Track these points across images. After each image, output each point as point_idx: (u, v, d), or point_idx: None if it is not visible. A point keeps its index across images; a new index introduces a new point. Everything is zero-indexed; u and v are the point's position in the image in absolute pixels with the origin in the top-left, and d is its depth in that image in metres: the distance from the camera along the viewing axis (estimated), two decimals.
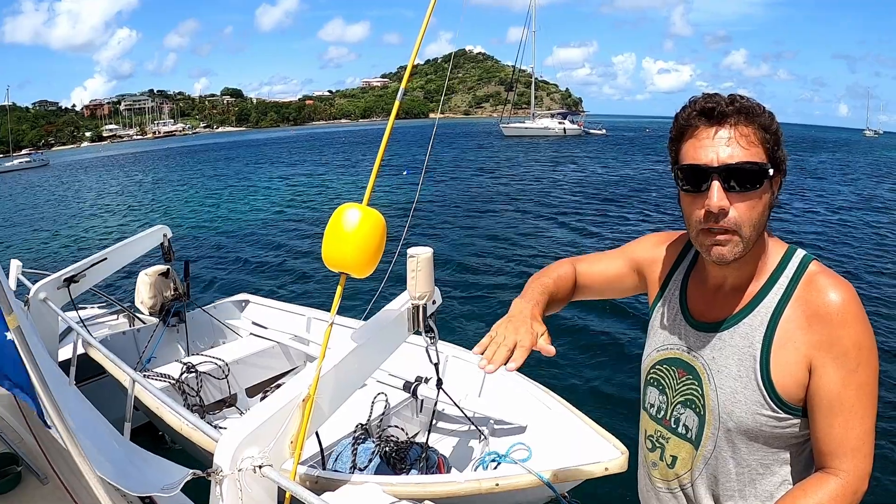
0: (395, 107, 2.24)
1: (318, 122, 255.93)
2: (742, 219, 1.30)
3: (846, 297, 1.30)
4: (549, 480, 3.03)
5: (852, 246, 14.30)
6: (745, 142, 1.29)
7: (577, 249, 13.71)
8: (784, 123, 1.36)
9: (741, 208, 1.30)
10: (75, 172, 55.35)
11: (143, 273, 5.85)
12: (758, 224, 1.33)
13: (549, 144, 60.06)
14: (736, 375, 1.38)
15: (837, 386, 1.29)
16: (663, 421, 1.57)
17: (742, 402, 1.37)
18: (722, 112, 1.29)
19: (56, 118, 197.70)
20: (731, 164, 1.28)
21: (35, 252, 16.90)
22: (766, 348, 1.35)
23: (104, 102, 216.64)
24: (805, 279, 1.36)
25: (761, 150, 1.30)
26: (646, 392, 1.64)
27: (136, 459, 2.23)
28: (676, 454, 1.53)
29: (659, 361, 1.58)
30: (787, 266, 1.40)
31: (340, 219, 2.02)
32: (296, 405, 2.14)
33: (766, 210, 1.35)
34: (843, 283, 1.33)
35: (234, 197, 27.55)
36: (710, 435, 1.44)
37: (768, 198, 1.34)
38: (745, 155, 1.28)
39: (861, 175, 34.63)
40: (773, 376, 1.34)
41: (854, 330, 1.28)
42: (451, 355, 4.69)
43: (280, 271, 13.04)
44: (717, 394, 1.41)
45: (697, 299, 1.53)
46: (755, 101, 1.32)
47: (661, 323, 1.61)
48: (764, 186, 1.31)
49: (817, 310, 1.31)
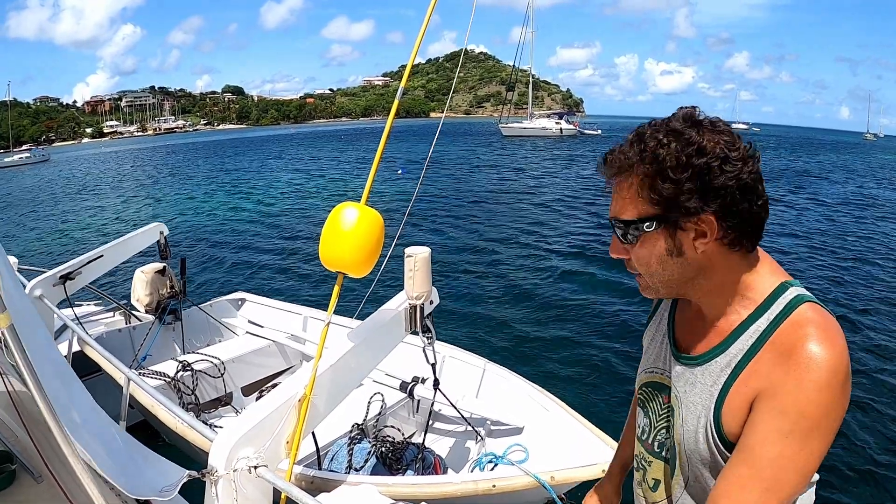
0: (394, 106, 2.23)
1: (318, 120, 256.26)
2: (639, 267, 1.30)
3: (826, 358, 1.11)
4: (546, 482, 3.02)
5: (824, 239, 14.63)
6: (626, 193, 1.25)
7: (575, 249, 13.70)
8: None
9: (634, 258, 1.29)
10: (74, 168, 55.25)
11: (140, 270, 5.85)
12: (657, 273, 1.29)
13: (546, 144, 60.64)
14: (698, 414, 1.31)
15: (758, 438, 1.15)
16: (646, 444, 1.54)
17: (701, 440, 1.29)
18: (611, 163, 1.27)
19: (57, 114, 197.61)
20: (615, 218, 1.28)
21: (31, 248, 16.87)
22: (724, 391, 1.25)
23: (105, 99, 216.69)
24: (791, 322, 1.20)
25: (643, 201, 1.22)
26: (636, 411, 1.62)
27: (136, 457, 2.22)
28: (658, 478, 1.50)
29: (646, 383, 1.55)
30: (772, 304, 1.25)
31: (338, 218, 2.00)
32: (292, 405, 2.13)
33: (669, 259, 1.26)
34: (835, 341, 1.14)
35: (231, 194, 27.50)
36: (681, 466, 1.39)
37: (665, 246, 1.25)
38: (620, 210, 1.26)
39: (855, 176, 35.13)
40: (722, 420, 1.24)
41: (809, 395, 1.10)
42: (448, 355, 4.69)
43: (277, 270, 13.01)
44: (683, 429, 1.35)
45: (683, 324, 1.48)
46: (654, 143, 1.20)
47: (651, 342, 1.57)
48: (650, 237, 1.25)
49: (787, 354, 1.15)
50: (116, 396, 4.00)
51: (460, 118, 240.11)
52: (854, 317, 9.00)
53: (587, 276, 11.58)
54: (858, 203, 22.49)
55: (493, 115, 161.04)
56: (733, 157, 1.16)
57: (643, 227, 1.24)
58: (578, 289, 10.78)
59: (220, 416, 4.98)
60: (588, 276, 11.56)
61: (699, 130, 1.18)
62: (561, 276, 11.60)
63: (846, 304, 9.71)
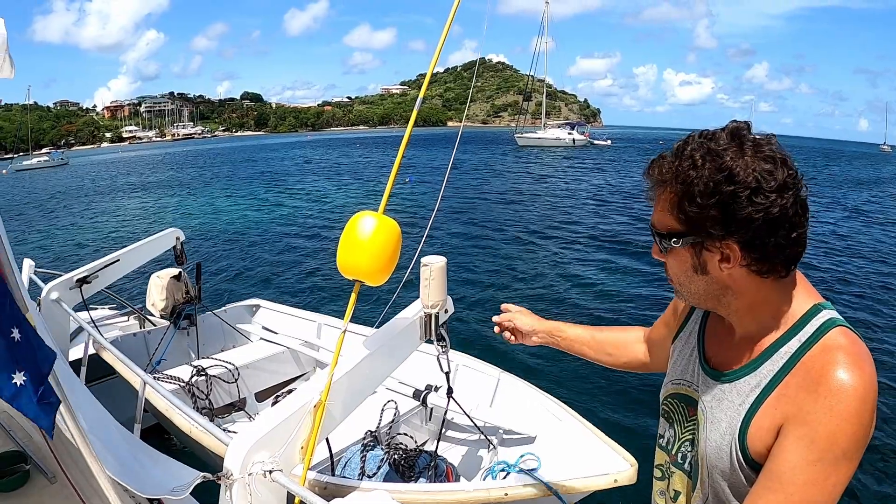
0: (413, 115, 2.23)
1: (336, 128, 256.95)
2: (670, 275, 1.36)
3: (855, 386, 1.11)
4: (558, 491, 3.01)
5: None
6: (661, 206, 1.29)
7: (596, 260, 13.67)
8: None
9: (668, 264, 1.35)
10: (93, 172, 55.65)
11: (156, 275, 5.88)
12: (684, 285, 1.34)
13: (559, 154, 61.38)
14: (723, 431, 1.30)
15: (787, 465, 1.15)
16: (670, 455, 1.54)
17: (725, 457, 1.29)
18: (650, 175, 1.31)
19: (76, 118, 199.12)
20: (651, 225, 1.34)
21: (48, 252, 17.00)
22: (752, 411, 1.25)
23: (124, 104, 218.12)
24: (821, 346, 1.19)
25: (671, 216, 1.26)
26: (660, 420, 1.61)
27: (146, 460, 2.23)
28: (680, 490, 1.49)
29: (672, 395, 1.55)
30: (805, 326, 1.25)
31: (355, 226, 2.01)
32: (307, 411, 2.14)
33: (695, 276, 1.30)
34: (864, 369, 1.14)
35: (247, 200, 27.66)
36: (703, 480, 1.39)
37: (691, 263, 1.28)
38: (657, 220, 1.31)
39: (857, 186, 35.98)
40: (748, 439, 1.24)
41: (839, 424, 1.10)
42: (462, 364, 4.68)
43: (293, 277, 13.06)
44: (707, 444, 1.35)
45: (713, 338, 1.47)
46: (689, 163, 1.21)
47: (679, 354, 1.56)
48: (679, 252, 1.29)
49: (816, 379, 1.15)
50: (131, 400, 4.03)
51: (477, 127, 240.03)
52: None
53: (605, 286, 11.60)
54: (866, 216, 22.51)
55: (509, 125, 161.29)
56: (766, 189, 1.14)
57: (671, 242, 1.27)
58: (594, 298, 10.78)
59: (233, 420, 4.99)
60: (606, 286, 11.57)
61: (740, 152, 1.17)
62: (578, 286, 11.62)
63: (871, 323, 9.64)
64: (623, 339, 1.95)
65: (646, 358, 1.89)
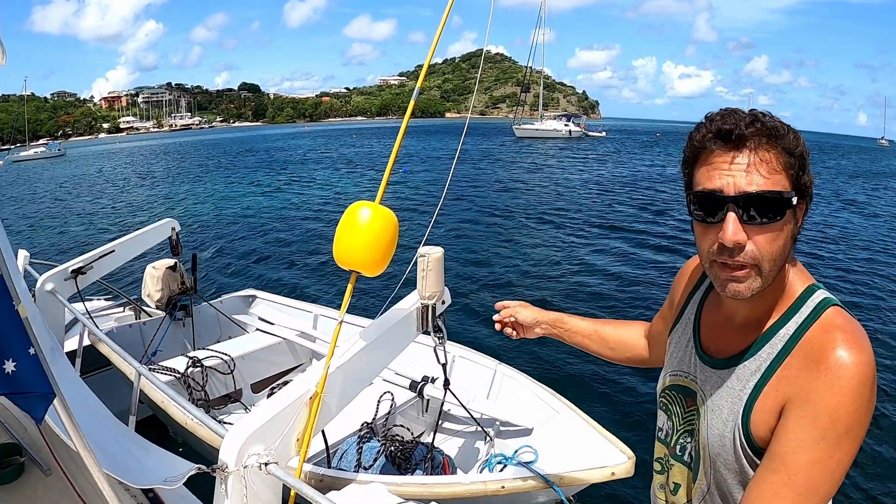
0: (410, 106, 2.22)
1: (333, 118, 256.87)
2: (761, 254, 1.18)
3: (856, 363, 1.11)
4: (555, 484, 3.01)
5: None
6: (766, 168, 1.15)
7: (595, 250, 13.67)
8: (801, 130, 1.24)
9: (760, 242, 1.17)
10: (90, 163, 55.53)
11: (151, 266, 5.87)
12: (778, 258, 1.20)
13: (556, 144, 62.24)
14: (725, 418, 1.29)
15: (790, 445, 1.14)
16: (669, 447, 1.53)
17: (728, 444, 1.28)
18: (740, 135, 1.15)
19: (74, 109, 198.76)
20: (749, 193, 1.15)
21: (43, 242, 16.97)
22: (754, 396, 1.24)
23: (122, 94, 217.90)
24: (819, 326, 1.20)
25: (783, 176, 1.16)
26: (658, 413, 1.61)
27: (140, 452, 2.21)
28: (679, 482, 1.49)
29: (669, 386, 1.54)
30: (801, 307, 1.25)
31: (352, 217, 2.00)
32: (303, 403, 2.12)
33: (789, 242, 1.21)
34: (863, 347, 1.14)
35: (243, 191, 27.61)
36: (704, 471, 1.38)
37: (791, 228, 1.20)
38: (765, 183, 1.15)
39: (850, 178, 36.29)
40: (751, 424, 1.23)
41: (840, 400, 1.10)
42: (459, 356, 4.68)
43: (289, 268, 13.04)
44: (708, 433, 1.34)
45: (709, 327, 1.46)
46: (778, 121, 1.18)
47: (676, 346, 1.55)
48: (786, 217, 1.18)
49: (817, 359, 1.15)
50: (126, 391, 4.01)
51: (475, 118, 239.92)
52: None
53: (603, 277, 11.57)
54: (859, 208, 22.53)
55: (507, 116, 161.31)
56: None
57: (791, 202, 1.18)
58: (592, 290, 10.76)
59: (229, 412, 4.98)
60: (604, 278, 11.54)
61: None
62: (575, 277, 11.61)
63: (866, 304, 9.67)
64: (625, 334, 1.95)
65: (647, 353, 1.89)
